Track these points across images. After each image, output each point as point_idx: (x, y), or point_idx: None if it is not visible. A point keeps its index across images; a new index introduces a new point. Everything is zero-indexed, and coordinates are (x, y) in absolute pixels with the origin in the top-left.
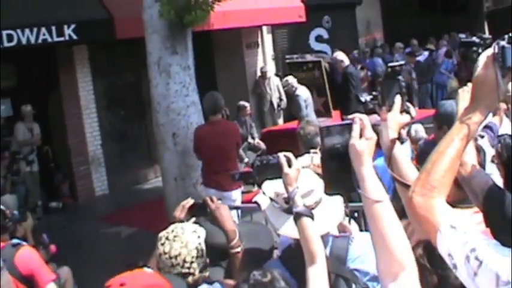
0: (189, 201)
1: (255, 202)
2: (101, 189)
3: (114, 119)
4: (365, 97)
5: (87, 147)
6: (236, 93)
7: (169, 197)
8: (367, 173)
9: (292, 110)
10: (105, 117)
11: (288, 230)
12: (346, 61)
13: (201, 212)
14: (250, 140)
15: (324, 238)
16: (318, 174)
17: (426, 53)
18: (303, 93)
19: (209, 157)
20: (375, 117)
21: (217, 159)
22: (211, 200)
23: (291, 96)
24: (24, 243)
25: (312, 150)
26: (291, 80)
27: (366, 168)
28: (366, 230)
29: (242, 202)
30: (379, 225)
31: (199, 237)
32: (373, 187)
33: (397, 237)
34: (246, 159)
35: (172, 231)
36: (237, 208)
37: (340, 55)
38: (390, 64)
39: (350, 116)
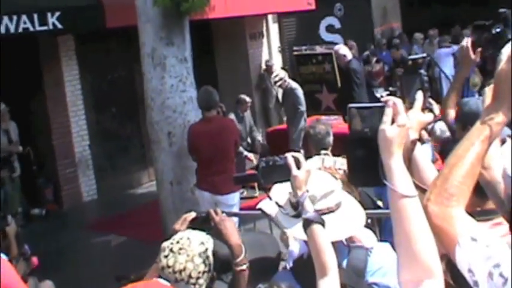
0: (191, 214)
1: (259, 209)
2: (89, 195)
3: (104, 116)
4: (381, 93)
5: (73, 148)
6: (238, 89)
7: (164, 202)
8: (395, 164)
9: (286, 107)
10: (93, 115)
11: (299, 231)
12: (349, 55)
13: (204, 225)
14: (249, 140)
15: (339, 247)
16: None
17: (455, 47)
18: (299, 87)
19: (204, 157)
20: None
21: (213, 160)
22: (216, 213)
23: (285, 91)
24: None
25: (322, 152)
26: (283, 73)
27: (395, 159)
28: (382, 241)
29: (243, 208)
30: (405, 224)
31: (207, 249)
32: (401, 180)
33: (424, 238)
34: (245, 153)
35: (178, 242)
36: (237, 215)
37: (342, 49)
38: (411, 57)
39: (384, 99)
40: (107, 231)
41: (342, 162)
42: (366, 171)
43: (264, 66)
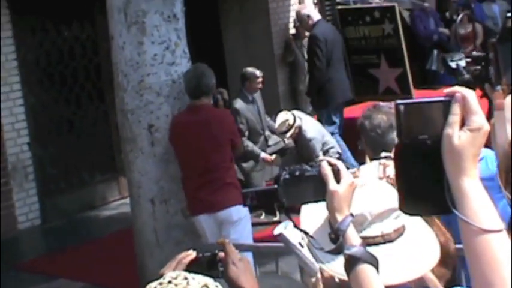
0: (190, 254)
1: (279, 236)
2: (28, 219)
3: (52, 101)
4: (457, 61)
5: (5, 148)
6: (254, 62)
7: (142, 230)
8: (469, 186)
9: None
10: (36, 98)
11: (340, 267)
12: (315, 16)
13: (208, 270)
14: (267, 133)
15: None
16: None
17: None
18: (313, 130)
19: (186, 164)
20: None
21: (196, 167)
22: (229, 250)
23: (299, 141)
24: None
25: (383, 154)
26: (291, 117)
27: (468, 178)
28: (460, 286)
29: (259, 239)
30: (488, 270)
31: None
32: (479, 208)
33: None
34: (262, 155)
35: (170, 282)
36: (252, 249)
37: (305, 8)
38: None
39: (447, 90)
40: (53, 274)
41: None
42: (424, 195)
43: (292, 29)
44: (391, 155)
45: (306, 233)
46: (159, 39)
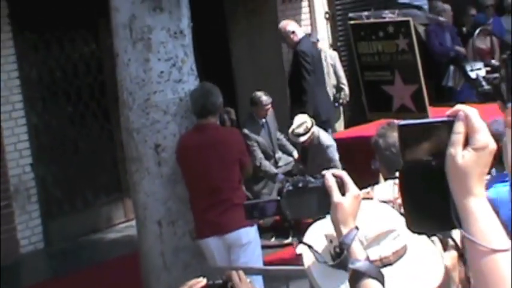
0: (200, 281)
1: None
2: (31, 242)
3: (55, 120)
4: (476, 70)
5: (6, 169)
6: (263, 80)
7: (148, 253)
8: (475, 205)
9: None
10: (39, 117)
11: None
12: (300, 33)
13: None
14: (278, 155)
15: None
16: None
17: None
18: (329, 139)
19: (193, 185)
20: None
21: (202, 187)
22: (238, 281)
23: (311, 149)
24: None
25: (398, 174)
26: (309, 121)
27: (474, 199)
28: None
29: (270, 263)
30: None
31: None
32: (486, 227)
33: None
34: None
35: None
36: (262, 273)
37: (290, 25)
38: None
39: (449, 112)
40: None
41: None
42: (430, 214)
43: None
44: None
45: (310, 246)
46: (165, 56)
